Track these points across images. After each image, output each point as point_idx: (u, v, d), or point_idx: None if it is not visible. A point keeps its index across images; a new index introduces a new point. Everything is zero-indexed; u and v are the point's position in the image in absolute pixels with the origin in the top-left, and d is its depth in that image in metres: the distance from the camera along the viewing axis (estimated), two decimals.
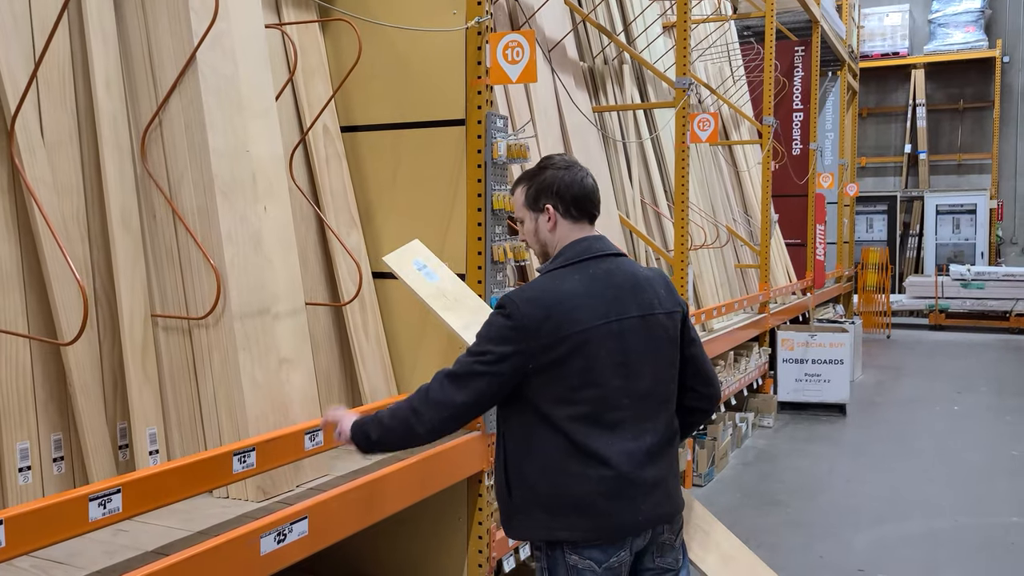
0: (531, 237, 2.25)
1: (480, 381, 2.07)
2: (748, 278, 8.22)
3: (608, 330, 2.10)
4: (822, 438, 7.12)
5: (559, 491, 2.09)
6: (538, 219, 2.21)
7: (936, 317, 14.34)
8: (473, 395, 2.08)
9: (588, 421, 2.08)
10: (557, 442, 2.08)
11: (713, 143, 7.56)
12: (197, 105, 2.61)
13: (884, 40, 17.14)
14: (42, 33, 2.44)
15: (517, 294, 2.11)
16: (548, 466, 2.10)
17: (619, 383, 2.10)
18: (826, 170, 11.36)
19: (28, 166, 2.34)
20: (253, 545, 2.15)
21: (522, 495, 2.15)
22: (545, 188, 2.19)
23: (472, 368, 2.08)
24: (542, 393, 2.08)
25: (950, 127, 17.36)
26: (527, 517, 2.15)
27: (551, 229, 2.19)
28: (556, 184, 2.18)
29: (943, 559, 4.53)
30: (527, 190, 2.22)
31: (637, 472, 2.10)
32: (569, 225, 2.19)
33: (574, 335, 2.06)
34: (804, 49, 10.50)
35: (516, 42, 3.24)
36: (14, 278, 2.35)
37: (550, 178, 2.18)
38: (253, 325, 2.64)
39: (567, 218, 2.19)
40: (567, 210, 2.18)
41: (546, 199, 2.18)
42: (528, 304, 2.07)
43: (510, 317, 2.07)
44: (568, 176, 2.18)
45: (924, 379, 9.84)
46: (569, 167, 2.20)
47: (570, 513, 2.09)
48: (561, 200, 2.18)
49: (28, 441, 2.33)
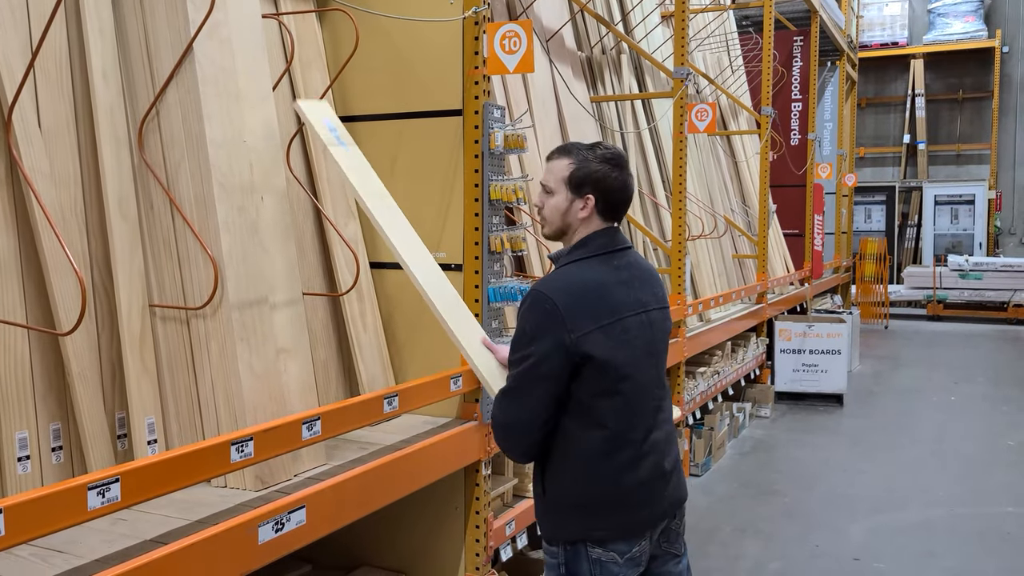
0: (555, 213, 2.17)
1: (537, 389, 2.04)
2: (746, 268, 8.23)
3: (639, 320, 2.13)
4: (819, 428, 7.15)
5: (596, 490, 2.09)
6: (573, 202, 2.15)
7: (934, 308, 14.36)
8: (534, 406, 2.05)
9: (627, 412, 2.09)
10: (595, 438, 2.07)
11: (711, 133, 7.56)
12: (194, 95, 2.61)
13: (883, 30, 17.11)
14: (39, 23, 2.44)
15: (546, 285, 2.08)
16: (586, 465, 2.08)
17: (652, 372, 2.16)
18: (824, 160, 11.36)
19: (26, 156, 2.34)
20: (251, 534, 2.16)
21: (557, 494, 2.13)
22: (594, 180, 2.12)
23: (522, 381, 2.06)
24: (584, 385, 2.06)
25: (949, 117, 17.34)
26: (563, 517, 2.13)
27: (583, 219, 2.15)
28: (606, 181, 2.12)
29: (939, 548, 4.56)
30: (574, 170, 2.14)
31: (663, 460, 2.16)
32: (600, 221, 2.17)
33: (610, 324, 2.06)
34: (803, 39, 10.48)
35: (513, 32, 3.24)
36: (12, 268, 2.36)
37: (602, 173, 2.12)
38: (251, 315, 2.64)
39: (601, 216, 2.16)
40: (604, 209, 2.15)
41: (590, 190, 2.13)
42: (560, 293, 2.05)
43: (545, 309, 2.03)
44: (620, 179, 2.14)
45: (922, 369, 9.86)
46: (621, 167, 2.16)
47: (607, 512, 2.10)
48: (604, 198, 2.14)
49: (27, 431, 2.34)
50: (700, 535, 4.69)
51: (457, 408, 3.31)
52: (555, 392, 2.05)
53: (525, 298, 2.10)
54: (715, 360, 6.53)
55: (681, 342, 5.39)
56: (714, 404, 6.46)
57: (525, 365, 2.05)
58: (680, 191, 5.40)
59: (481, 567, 3.27)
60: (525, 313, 2.08)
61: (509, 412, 2.08)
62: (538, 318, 2.04)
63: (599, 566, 2.10)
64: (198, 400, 2.59)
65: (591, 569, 2.10)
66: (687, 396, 5.61)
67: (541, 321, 2.03)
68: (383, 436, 3.07)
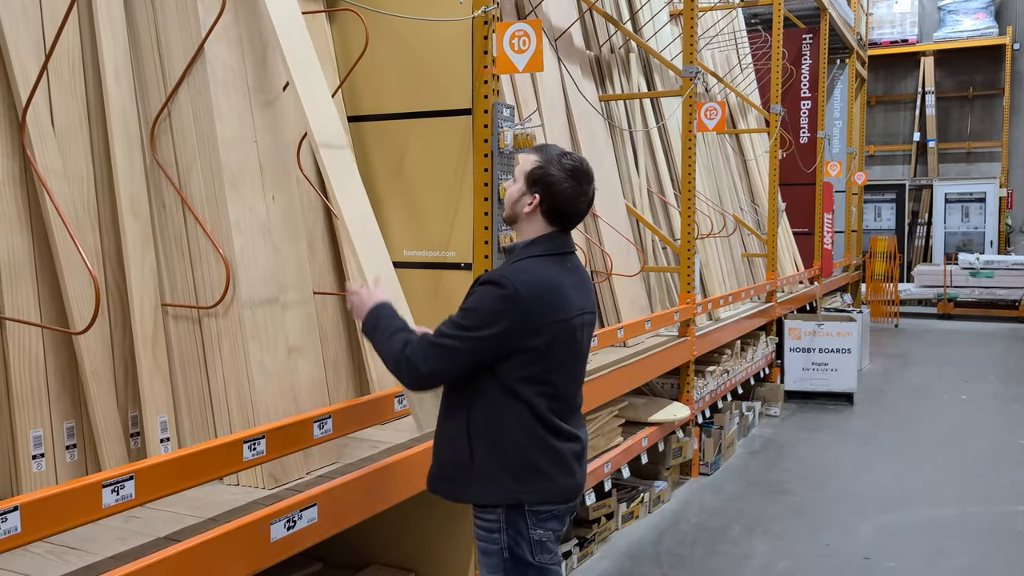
0: (509, 199, 2.29)
1: (460, 358, 2.13)
2: (755, 267, 8.21)
3: (581, 321, 2.26)
4: (829, 427, 7.13)
5: (530, 457, 2.19)
6: (523, 195, 2.25)
7: (944, 306, 14.30)
8: (448, 369, 2.15)
9: (555, 400, 2.22)
10: (527, 414, 2.18)
11: (720, 132, 7.55)
12: (205, 96, 2.62)
13: (893, 27, 17.03)
14: (52, 24, 2.46)
15: (512, 275, 2.15)
16: (522, 434, 2.18)
17: (579, 369, 2.32)
18: (834, 158, 11.33)
19: (39, 156, 2.36)
20: (263, 531, 2.17)
21: (487, 460, 2.20)
22: (545, 183, 2.22)
23: (455, 344, 2.12)
24: (514, 371, 2.16)
25: (959, 115, 17.25)
26: (492, 482, 2.20)
27: (526, 214, 2.25)
28: (556, 187, 2.21)
29: (949, 547, 4.55)
30: (535, 167, 2.24)
31: (583, 451, 2.32)
32: (543, 222, 2.25)
33: (559, 322, 2.19)
34: (812, 37, 10.45)
35: (522, 31, 3.24)
36: (26, 268, 2.37)
37: (556, 179, 2.21)
38: (262, 314, 2.66)
39: (544, 217, 2.25)
40: (548, 211, 2.24)
41: (539, 190, 2.22)
42: (525, 287, 2.13)
43: (508, 298, 2.11)
44: (569, 189, 2.22)
45: (932, 368, 9.82)
46: (579, 180, 2.23)
47: (538, 478, 2.21)
48: (549, 201, 2.22)
49: (41, 429, 2.36)
50: (709, 534, 4.68)
51: None
52: (471, 367, 2.15)
53: (485, 279, 2.17)
54: (724, 359, 6.52)
55: (690, 341, 5.39)
56: (723, 403, 6.45)
57: (467, 333, 2.12)
58: (689, 190, 5.39)
59: None
60: (485, 292, 2.14)
61: (431, 363, 2.13)
62: (496, 301, 2.12)
63: (540, 547, 2.22)
64: (210, 398, 2.61)
65: (532, 549, 2.21)
66: (696, 395, 5.60)
67: (499, 305, 2.11)
68: (393, 435, 3.08)
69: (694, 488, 5.49)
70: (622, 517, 4.72)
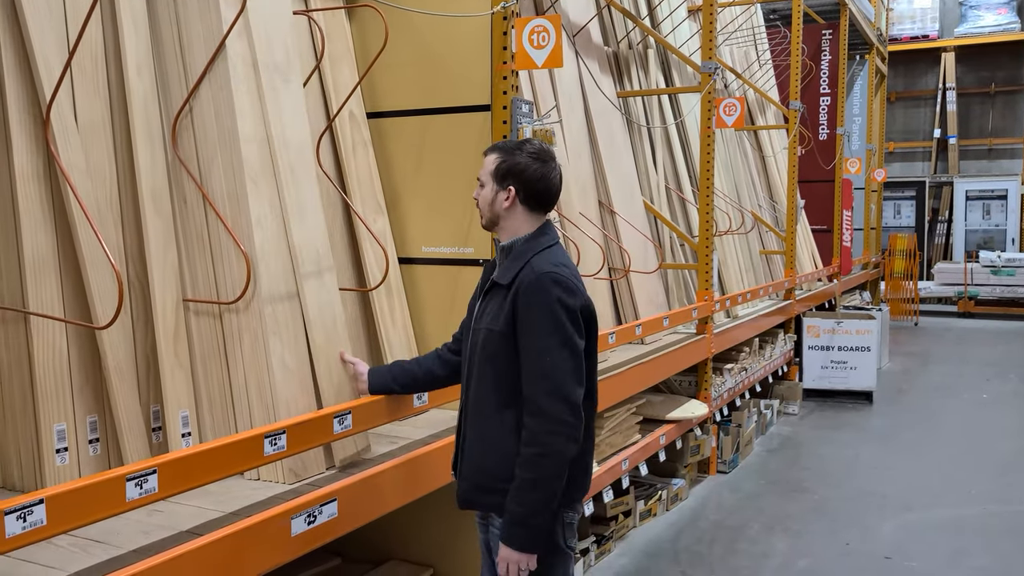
0: (485, 204, 2.28)
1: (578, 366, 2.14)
2: (773, 264, 8.16)
3: None
4: (848, 425, 7.08)
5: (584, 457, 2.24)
6: (498, 193, 2.25)
7: (965, 304, 14.16)
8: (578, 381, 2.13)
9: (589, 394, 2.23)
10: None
11: (739, 128, 7.50)
12: (227, 92, 2.63)
13: (913, 23, 16.87)
14: (75, 20, 2.47)
15: (558, 272, 2.14)
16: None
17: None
18: (853, 155, 11.23)
19: (63, 152, 2.38)
20: (284, 526, 2.18)
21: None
22: (516, 172, 2.22)
23: (577, 363, 2.11)
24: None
25: (981, 111, 17.07)
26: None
27: (506, 208, 2.24)
28: (527, 172, 2.22)
29: (971, 547, 4.50)
30: (499, 163, 2.25)
31: None
32: (524, 211, 2.25)
33: (593, 314, 2.22)
34: (832, 32, 10.37)
35: (542, 27, 3.24)
36: (50, 263, 2.39)
37: (523, 165, 2.22)
38: (283, 310, 2.67)
39: (524, 205, 2.24)
40: (527, 198, 2.24)
41: (512, 181, 2.22)
42: (569, 271, 2.17)
43: (573, 292, 2.14)
44: (539, 171, 2.23)
45: (952, 367, 9.73)
46: (544, 161, 2.24)
47: (584, 476, 2.26)
48: (524, 188, 2.22)
49: (65, 423, 2.38)
50: (728, 532, 4.66)
51: None
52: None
53: (538, 279, 2.12)
54: (742, 357, 6.48)
55: (708, 338, 5.37)
56: (741, 401, 6.42)
57: (573, 349, 2.11)
58: (707, 187, 5.36)
59: None
60: (555, 296, 2.11)
61: (574, 392, 2.10)
62: (573, 303, 2.13)
63: (571, 530, 2.26)
64: (231, 393, 2.62)
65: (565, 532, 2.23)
66: (714, 392, 5.58)
67: (574, 306, 2.13)
68: (412, 430, 3.09)
69: (712, 486, 5.47)
70: (640, 515, 4.70)
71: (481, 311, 2.26)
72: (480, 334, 2.23)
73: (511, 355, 2.15)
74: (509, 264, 2.22)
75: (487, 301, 2.25)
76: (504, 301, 2.17)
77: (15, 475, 2.42)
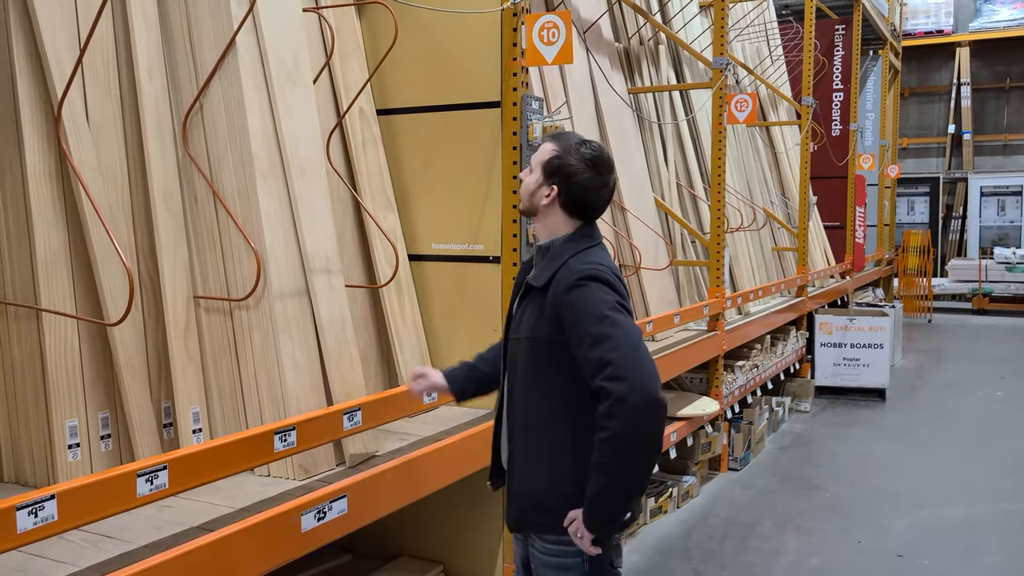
0: (526, 190, 2.16)
1: (637, 328, 1.98)
2: (786, 261, 8.13)
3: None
4: (861, 422, 7.04)
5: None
6: (540, 187, 2.12)
7: (979, 301, 14.06)
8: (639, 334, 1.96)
9: None
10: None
11: (750, 124, 7.47)
12: (237, 89, 2.64)
13: (928, 18, 16.75)
14: (87, 19, 2.48)
15: (601, 269, 2.02)
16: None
17: None
18: (866, 151, 11.17)
19: (75, 150, 2.39)
20: (294, 522, 2.19)
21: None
22: (563, 173, 2.09)
23: (627, 321, 1.95)
24: None
25: (996, 106, 16.94)
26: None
27: (544, 206, 2.12)
28: (575, 177, 2.08)
29: (984, 544, 4.47)
30: (552, 157, 2.12)
31: None
32: (563, 215, 2.13)
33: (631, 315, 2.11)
34: (844, 28, 10.30)
35: (552, 23, 3.23)
36: (62, 260, 2.41)
37: (575, 169, 2.08)
38: (292, 307, 2.67)
39: (563, 209, 2.11)
40: (567, 203, 2.10)
41: (557, 180, 2.10)
42: (610, 272, 2.03)
43: (616, 289, 2.00)
44: (588, 180, 2.09)
45: (966, 364, 9.66)
46: (599, 171, 2.10)
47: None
48: (567, 192, 2.09)
49: (77, 419, 2.40)
50: (739, 529, 4.65)
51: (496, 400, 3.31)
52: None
53: (579, 280, 2.00)
54: (754, 354, 6.46)
55: (720, 335, 5.35)
56: (753, 398, 6.40)
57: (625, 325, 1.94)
58: (719, 183, 5.34)
59: None
60: (595, 292, 1.98)
61: (634, 342, 1.91)
62: (611, 296, 1.98)
63: (618, 551, 2.11)
64: (241, 390, 2.63)
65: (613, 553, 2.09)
66: (725, 390, 5.56)
67: (614, 298, 1.98)
68: (422, 427, 3.09)
69: (723, 483, 5.45)
70: (650, 512, 4.70)
71: (519, 318, 2.12)
72: (521, 344, 2.09)
73: (561, 362, 2.00)
74: (545, 265, 2.08)
75: (524, 307, 2.12)
76: (544, 305, 2.04)
77: (28, 471, 2.44)
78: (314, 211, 2.82)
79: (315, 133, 2.92)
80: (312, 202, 2.83)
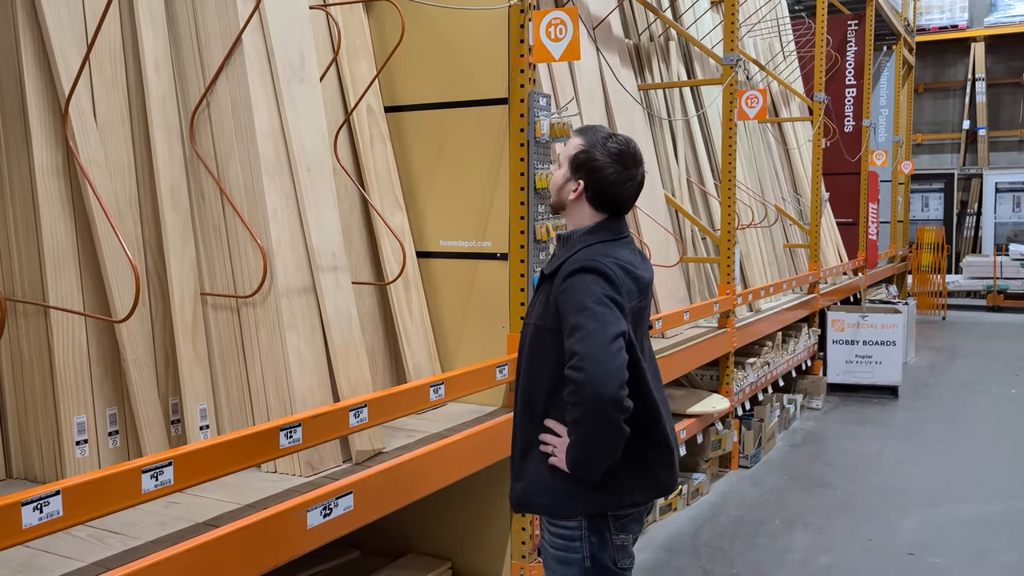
0: (554, 187, 2.19)
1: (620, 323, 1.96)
2: (797, 258, 8.08)
3: (648, 302, 2.18)
4: (872, 420, 7.00)
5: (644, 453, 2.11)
6: (568, 182, 2.15)
7: (994, 298, 13.94)
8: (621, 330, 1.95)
9: (653, 381, 2.13)
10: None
11: (761, 120, 7.43)
12: (243, 86, 2.65)
13: (942, 13, 16.61)
14: (94, 16, 2.49)
15: (602, 261, 2.02)
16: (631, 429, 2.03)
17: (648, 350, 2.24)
18: (880, 147, 11.09)
19: (82, 148, 2.40)
20: (300, 518, 2.19)
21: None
22: (590, 168, 2.10)
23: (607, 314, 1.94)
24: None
25: (1011, 102, 16.78)
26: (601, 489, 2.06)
27: (572, 200, 2.15)
28: (601, 172, 2.10)
29: (996, 543, 4.44)
30: (579, 151, 2.13)
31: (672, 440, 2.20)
32: (590, 209, 2.14)
33: (639, 303, 2.10)
34: (857, 23, 10.23)
35: (559, 19, 3.21)
36: (70, 257, 2.42)
37: (601, 164, 2.09)
38: (299, 303, 2.68)
39: (590, 204, 2.13)
40: (593, 197, 2.12)
41: (583, 175, 2.12)
42: (613, 267, 2.02)
43: (611, 282, 2.00)
44: (615, 174, 2.10)
45: (980, 361, 9.59)
46: (625, 165, 2.11)
47: (646, 475, 2.12)
48: (594, 187, 2.11)
49: (84, 415, 2.41)
50: (749, 527, 4.63)
51: (503, 397, 3.31)
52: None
53: (575, 270, 2.01)
54: (765, 351, 6.43)
55: (730, 332, 5.32)
56: (764, 395, 6.37)
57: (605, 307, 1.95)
58: (730, 179, 5.32)
59: (527, 555, 3.27)
60: (587, 283, 1.98)
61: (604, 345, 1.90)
62: (604, 287, 1.98)
63: (622, 552, 2.13)
64: (248, 387, 2.64)
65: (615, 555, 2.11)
66: (736, 387, 5.54)
67: (605, 289, 1.98)
68: (429, 424, 3.09)
69: (733, 481, 5.43)
70: (660, 509, 4.68)
71: (532, 304, 2.18)
72: (529, 329, 2.13)
73: (559, 349, 2.01)
74: (559, 253, 2.13)
75: (538, 294, 2.16)
76: (550, 293, 2.07)
77: (36, 467, 2.45)
78: (321, 208, 2.83)
79: (322, 130, 2.92)
80: (319, 199, 2.83)
